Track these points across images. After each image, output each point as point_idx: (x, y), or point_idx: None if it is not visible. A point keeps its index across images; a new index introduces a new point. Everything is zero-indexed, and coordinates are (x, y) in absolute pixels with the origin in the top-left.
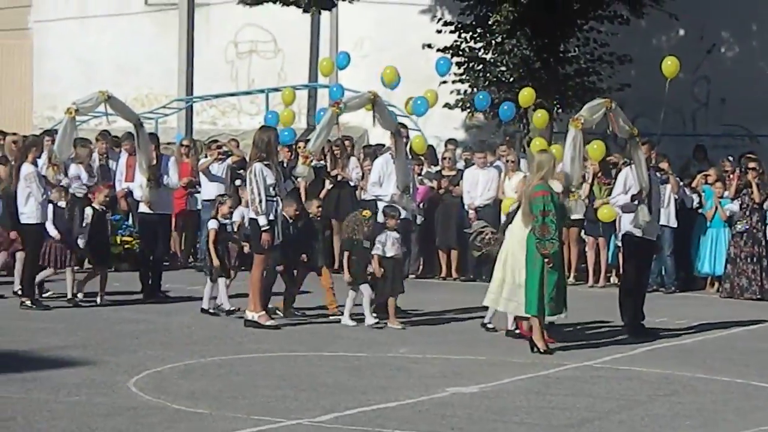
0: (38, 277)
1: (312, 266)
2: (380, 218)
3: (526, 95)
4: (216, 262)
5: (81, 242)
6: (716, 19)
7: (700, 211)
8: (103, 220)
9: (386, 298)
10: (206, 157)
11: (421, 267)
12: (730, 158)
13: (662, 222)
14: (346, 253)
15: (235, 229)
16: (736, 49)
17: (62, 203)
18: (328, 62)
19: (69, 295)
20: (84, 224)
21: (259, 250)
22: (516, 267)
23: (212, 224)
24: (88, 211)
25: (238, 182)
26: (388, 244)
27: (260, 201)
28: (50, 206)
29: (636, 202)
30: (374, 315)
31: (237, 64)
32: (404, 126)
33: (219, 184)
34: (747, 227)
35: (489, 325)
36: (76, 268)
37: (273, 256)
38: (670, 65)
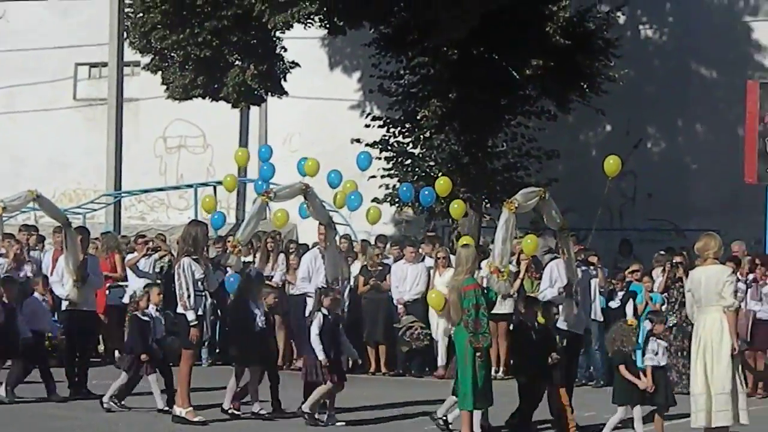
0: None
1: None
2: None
3: (443, 184)
4: None
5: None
6: (643, 115)
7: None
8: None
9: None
10: (132, 252)
11: (350, 363)
12: (662, 252)
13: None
14: (621, 367)
15: None
16: (662, 144)
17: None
18: (243, 152)
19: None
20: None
21: (187, 345)
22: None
23: None
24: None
25: None
26: (660, 353)
27: (188, 296)
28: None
29: (564, 294)
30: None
31: (166, 159)
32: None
33: (146, 280)
34: (677, 321)
35: None
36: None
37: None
38: (612, 164)
